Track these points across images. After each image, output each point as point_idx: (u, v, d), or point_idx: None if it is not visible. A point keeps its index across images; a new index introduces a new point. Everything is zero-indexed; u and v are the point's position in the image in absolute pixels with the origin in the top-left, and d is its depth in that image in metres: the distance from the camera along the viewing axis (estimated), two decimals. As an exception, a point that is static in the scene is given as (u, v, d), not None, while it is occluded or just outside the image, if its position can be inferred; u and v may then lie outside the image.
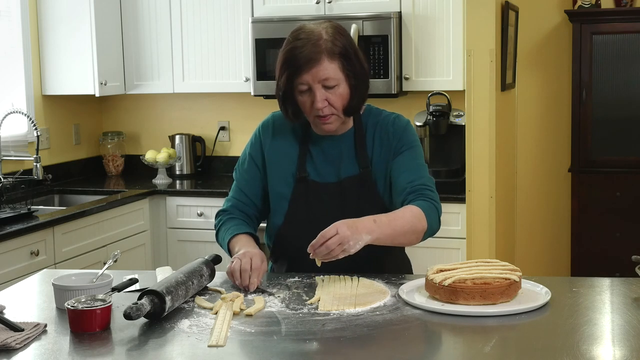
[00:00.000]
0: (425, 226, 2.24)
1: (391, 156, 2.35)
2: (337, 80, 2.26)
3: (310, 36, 2.25)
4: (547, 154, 5.18)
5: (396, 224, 2.19)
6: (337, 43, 2.26)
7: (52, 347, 1.81)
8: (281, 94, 2.31)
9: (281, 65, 2.28)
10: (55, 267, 3.79)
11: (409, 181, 2.31)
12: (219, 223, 2.48)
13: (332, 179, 2.37)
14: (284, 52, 2.28)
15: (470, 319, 1.93)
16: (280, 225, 2.40)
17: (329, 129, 2.33)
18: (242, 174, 2.48)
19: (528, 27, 5.05)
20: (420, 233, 2.24)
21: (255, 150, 2.46)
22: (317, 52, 2.23)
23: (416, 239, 2.25)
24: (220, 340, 1.80)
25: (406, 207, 2.26)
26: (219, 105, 5.16)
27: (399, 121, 2.39)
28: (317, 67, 2.23)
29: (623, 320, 1.90)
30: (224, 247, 2.43)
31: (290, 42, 2.28)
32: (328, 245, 2.07)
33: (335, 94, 2.27)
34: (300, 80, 2.25)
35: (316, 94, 2.25)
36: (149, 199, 4.59)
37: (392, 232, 2.18)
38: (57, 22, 4.67)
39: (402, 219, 2.21)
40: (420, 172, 2.34)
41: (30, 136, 4.46)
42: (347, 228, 2.09)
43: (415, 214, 2.22)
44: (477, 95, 4.09)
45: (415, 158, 2.36)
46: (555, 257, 5.22)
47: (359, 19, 4.36)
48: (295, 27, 2.32)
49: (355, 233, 2.10)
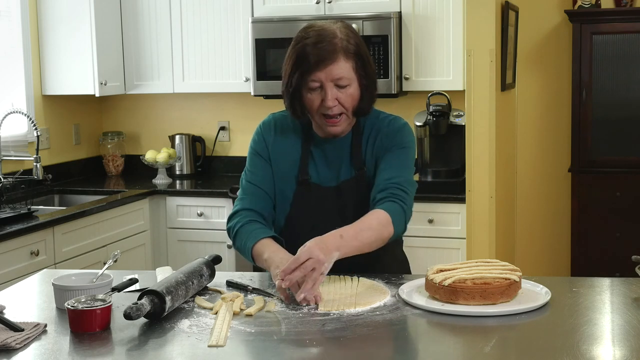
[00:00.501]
0: (391, 232, 2.20)
1: (381, 153, 2.33)
2: (350, 80, 2.24)
3: (323, 33, 2.23)
4: (547, 154, 5.18)
5: (363, 235, 2.14)
6: (351, 42, 2.24)
7: (52, 347, 1.81)
8: (291, 90, 2.28)
9: (294, 61, 2.25)
10: (55, 267, 3.79)
11: (387, 178, 2.27)
12: (235, 226, 2.33)
13: (332, 183, 2.36)
14: (297, 49, 2.24)
15: (470, 319, 1.93)
16: (282, 227, 2.39)
17: (335, 131, 2.31)
18: (251, 172, 2.40)
19: (528, 27, 5.05)
20: (386, 239, 2.21)
21: (261, 147, 2.41)
22: (334, 50, 2.21)
23: (381, 245, 2.21)
24: (220, 340, 1.80)
25: (373, 212, 2.20)
26: (219, 105, 5.16)
27: (394, 122, 2.37)
28: (332, 65, 2.21)
29: (623, 320, 1.90)
30: (246, 253, 2.29)
31: (303, 38, 2.24)
32: (305, 267, 2.01)
33: (346, 94, 2.25)
34: (313, 77, 2.23)
35: (327, 92, 2.23)
36: (149, 199, 4.59)
37: (359, 245, 2.14)
38: (57, 22, 4.67)
39: (369, 230, 2.16)
40: (401, 171, 2.29)
41: (30, 136, 4.46)
42: (319, 251, 2.03)
43: (381, 221, 2.18)
44: (477, 95, 4.09)
45: (402, 158, 2.32)
46: (555, 257, 5.22)
47: (359, 19, 4.36)
48: (306, 25, 2.29)
49: (328, 254, 2.04)
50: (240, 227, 2.31)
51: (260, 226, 2.31)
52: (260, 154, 2.40)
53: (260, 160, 2.40)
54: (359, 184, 2.34)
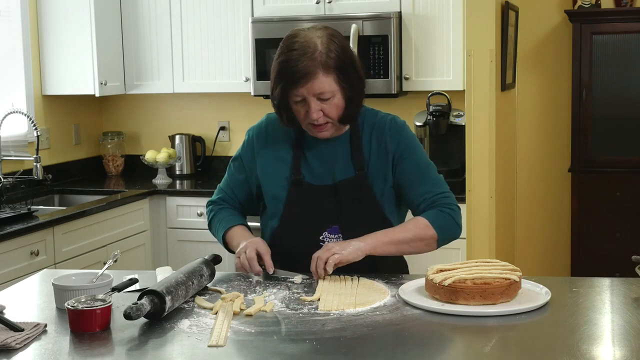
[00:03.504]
0: (433, 234, 2.29)
1: (391, 160, 2.35)
2: (332, 93, 2.25)
3: (304, 47, 2.22)
4: (547, 154, 5.18)
5: (394, 233, 2.28)
6: (331, 55, 2.23)
7: (52, 347, 1.81)
8: (276, 102, 2.32)
9: (275, 76, 2.27)
10: (55, 267, 3.79)
11: (420, 195, 2.35)
12: (210, 213, 2.55)
13: (328, 181, 2.37)
14: (278, 63, 2.26)
15: (470, 319, 1.94)
16: (276, 227, 2.41)
17: (323, 136, 2.34)
18: (232, 172, 2.54)
19: (528, 27, 5.05)
20: (430, 239, 2.30)
21: (247, 155, 2.48)
22: (313, 65, 2.21)
23: (426, 245, 2.32)
24: (220, 340, 1.80)
25: (411, 219, 2.34)
26: (219, 105, 5.16)
27: (395, 123, 2.39)
28: (312, 81, 2.22)
29: (623, 320, 1.90)
30: (219, 239, 2.50)
31: (284, 52, 2.25)
32: (320, 256, 2.20)
33: (330, 105, 2.26)
34: (296, 93, 2.25)
35: (311, 106, 2.25)
36: (149, 199, 4.59)
37: (390, 241, 2.26)
38: (57, 22, 4.67)
39: (403, 229, 2.30)
40: (428, 180, 2.36)
41: (30, 136, 4.46)
42: (336, 244, 2.23)
43: (418, 224, 2.29)
44: (477, 95, 4.09)
45: (419, 163, 2.37)
46: (555, 257, 5.22)
47: (359, 19, 4.36)
48: (289, 34, 2.30)
49: (344, 244, 2.22)
50: (214, 215, 2.53)
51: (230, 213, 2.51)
52: (244, 161, 2.49)
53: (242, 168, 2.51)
54: (359, 183, 2.35)
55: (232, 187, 2.54)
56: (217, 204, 2.55)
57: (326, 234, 2.34)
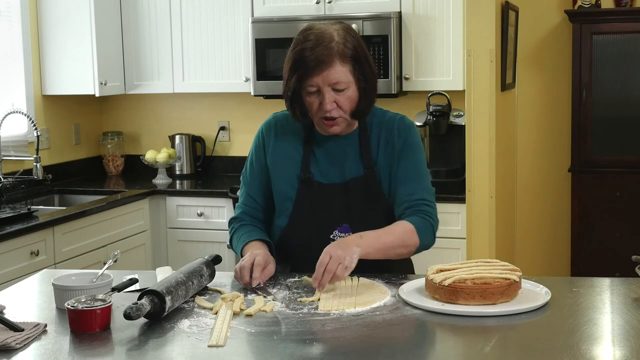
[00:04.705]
0: (416, 241, 2.28)
1: (395, 157, 2.35)
2: (347, 84, 2.25)
3: (321, 37, 2.23)
4: (547, 153, 5.18)
5: (385, 238, 2.24)
6: (348, 45, 2.24)
7: (52, 347, 1.81)
8: (290, 94, 2.29)
9: (291, 65, 2.26)
10: (55, 267, 3.79)
11: (409, 194, 2.32)
12: (231, 231, 2.48)
13: (337, 180, 2.36)
14: (295, 52, 2.25)
15: (470, 319, 1.93)
16: (285, 226, 2.40)
17: (334, 131, 2.33)
18: (248, 178, 2.48)
19: (528, 27, 5.05)
20: (412, 247, 2.28)
21: (259, 152, 2.45)
22: (329, 54, 2.21)
23: (408, 252, 2.30)
24: (220, 340, 1.80)
25: (398, 223, 2.30)
26: (219, 105, 5.16)
27: (403, 122, 2.39)
28: (328, 70, 2.21)
29: (623, 320, 1.90)
30: (238, 255, 2.42)
31: (301, 42, 2.25)
32: (329, 270, 2.11)
33: (344, 97, 2.26)
34: (310, 82, 2.24)
35: (325, 96, 2.24)
36: (149, 199, 4.59)
37: (382, 246, 2.22)
38: (57, 22, 4.67)
39: (392, 235, 2.26)
40: (421, 183, 2.35)
41: (30, 136, 4.46)
42: (337, 248, 2.14)
43: (405, 230, 2.27)
44: (477, 95, 4.09)
45: (418, 164, 2.36)
46: (555, 257, 5.22)
47: (359, 19, 4.36)
48: (305, 27, 2.30)
49: (347, 249, 2.15)
50: (234, 232, 2.46)
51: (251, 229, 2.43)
52: (258, 160, 2.46)
53: (258, 167, 2.46)
54: (368, 182, 2.35)
55: (251, 193, 2.47)
56: (238, 220, 2.47)
57: (337, 232, 2.34)
